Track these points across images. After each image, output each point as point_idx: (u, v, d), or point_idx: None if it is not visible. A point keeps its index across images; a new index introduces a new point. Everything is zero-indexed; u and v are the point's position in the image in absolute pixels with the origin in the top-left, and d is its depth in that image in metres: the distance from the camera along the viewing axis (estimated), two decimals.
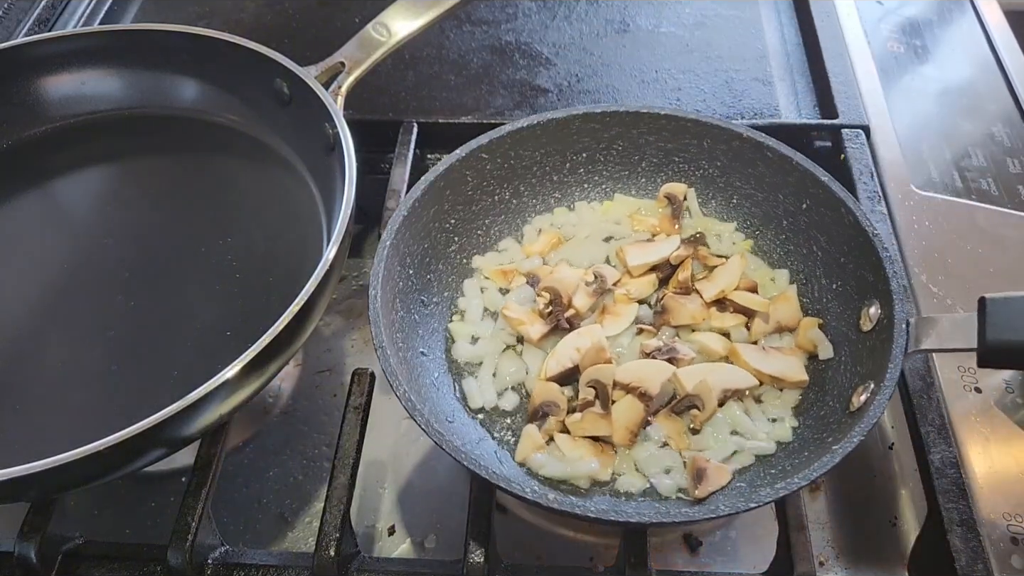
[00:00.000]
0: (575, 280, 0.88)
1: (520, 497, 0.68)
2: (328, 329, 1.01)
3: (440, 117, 1.10)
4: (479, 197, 0.95)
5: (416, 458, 0.90)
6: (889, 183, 1.02)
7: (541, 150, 0.96)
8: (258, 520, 0.86)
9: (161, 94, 1.06)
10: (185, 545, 0.73)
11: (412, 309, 0.87)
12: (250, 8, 1.32)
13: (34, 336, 0.87)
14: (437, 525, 0.85)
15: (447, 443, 0.71)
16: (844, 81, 1.13)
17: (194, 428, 0.73)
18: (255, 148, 1.02)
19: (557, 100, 1.16)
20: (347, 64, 0.98)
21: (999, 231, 0.97)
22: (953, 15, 1.27)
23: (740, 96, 1.15)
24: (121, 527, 0.85)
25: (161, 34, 1.03)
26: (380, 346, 0.77)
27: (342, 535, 0.73)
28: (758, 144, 0.91)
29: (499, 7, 1.30)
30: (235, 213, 0.97)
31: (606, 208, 0.98)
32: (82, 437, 0.66)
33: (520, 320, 0.87)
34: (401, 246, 0.86)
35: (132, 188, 1.03)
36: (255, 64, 0.98)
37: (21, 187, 1.01)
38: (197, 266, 0.92)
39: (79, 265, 0.93)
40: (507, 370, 0.86)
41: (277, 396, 0.95)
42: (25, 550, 0.74)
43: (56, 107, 1.05)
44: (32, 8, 1.28)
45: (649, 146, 0.97)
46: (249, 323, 0.82)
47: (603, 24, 1.28)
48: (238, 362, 0.70)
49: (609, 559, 0.81)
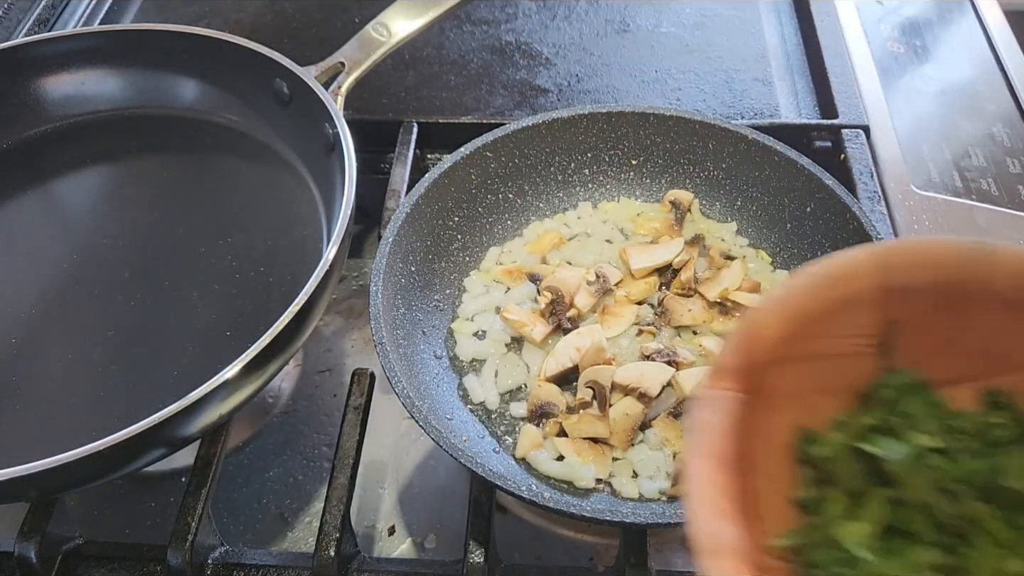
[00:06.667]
0: (577, 280, 0.88)
1: (518, 496, 0.68)
2: (328, 329, 1.01)
3: (440, 117, 1.10)
4: (483, 195, 0.95)
5: (416, 458, 0.90)
6: (889, 183, 1.02)
7: (546, 149, 0.96)
8: (258, 520, 0.86)
9: (161, 94, 1.06)
10: (185, 545, 0.73)
11: (414, 306, 0.87)
12: (250, 8, 1.32)
13: (34, 336, 0.87)
14: (437, 525, 0.85)
15: (445, 440, 0.71)
16: (844, 81, 1.13)
17: (194, 428, 0.73)
18: (255, 148, 1.02)
19: (557, 100, 1.16)
20: (347, 64, 0.98)
21: (999, 231, 0.97)
22: (953, 15, 1.27)
23: (740, 96, 1.15)
24: (121, 527, 0.85)
25: (161, 34, 1.03)
26: (380, 343, 0.77)
27: (342, 535, 0.73)
28: (765, 147, 0.91)
29: (499, 7, 1.30)
30: (235, 213, 0.97)
31: (609, 209, 0.98)
32: (82, 437, 0.66)
33: (522, 322, 0.87)
34: (404, 243, 0.86)
35: (132, 188, 1.03)
36: (255, 64, 0.98)
37: (21, 187, 1.01)
38: (197, 266, 0.92)
39: (79, 265, 0.93)
40: (508, 369, 0.86)
41: (277, 396, 0.95)
42: (25, 550, 0.73)
43: (56, 107, 1.05)
44: (32, 8, 1.28)
45: (655, 147, 0.97)
46: (249, 323, 0.82)
47: (603, 24, 1.28)
48: (238, 362, 0.70)
49: (609, 559, 0.81)
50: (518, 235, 0.97)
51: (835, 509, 0.53)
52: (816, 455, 0.55)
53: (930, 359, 0.58)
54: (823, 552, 0.50)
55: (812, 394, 0.57)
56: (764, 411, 0.54)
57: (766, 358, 0.54)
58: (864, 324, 0.58)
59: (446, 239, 0.93)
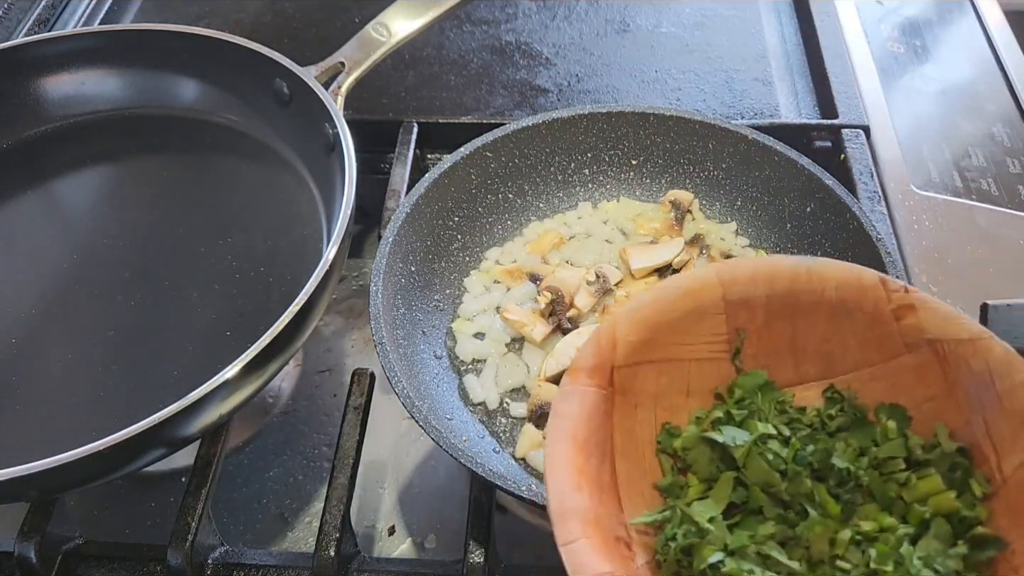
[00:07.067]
0: (577, 280, 0.88)
1: (518, 496, 0.68)
2: (328, 329, 1.01)
3: (440, 117, 1.10)
4: (483, 195, 0.95)
5: (416, 458, 0.90)
6: (889, 183, 1.02)
7: (546, 149, 0.96)
8: (258, 520, 0.86)
9: (161, 94, 1.06)
10: (185, 545, 0.73)
11: (414, 306, 0.87)
12: (250, 8, 1.32)
13: (34, 336, 0.87)
14: (437, 525, 0.85)
15: (445, 440, 0.71)
16: (844, 81, 1.13)
17: (194, 428, 0.73)
18: (255, 148, 1.02)
19: (557, 100, 1.16)
20: (347, 64, 0.98)
21: (999, 231, 0.97)
22: (953, 15, 1.27)
23: (740, 96, 1.15)
24: (121, 527, 0.85)
25: (161, 34, 1.03)
26: (380, 342, 0.77)
27: (342, 535, 0.73)
28: (765, 147, 0.91)
29: (499, 7, 1.30)
30: (235, 213, 0.97)
31: (609, 209, 0.98)
32: (82, 437, 0.66)
33: (522, 322, 0.87)
34: (404, 243, 0.86)
35: (132, 188, 1.03)
36: (255, 64, 0.98)
37: (21, 187, 1.01)
38: (197, 266, 0.92)
39: (79, 265, 0.93)
40: (508, 369, 0.86)
41: (277, 396, 0.95)
42: (25, 550, 0.73)
43: (56, 107, 1.05)
44: (32, 8, 1.28)
45: (655, 147, 0.97)
46: (249, 323, 0.82)
47: (603, 24, 1.28)
48: (238, 362, 0.70)
49: None
50: (518, 235, 0.97)
51: (692, 493, 0.61)
52: (674, 447, 0.64)
53: (777, 362, 0.67)
54: (680, 527, 0.58)
55: (674, 394, 0.66)
56: (627, 408, 0.63)
57: (623, 360, 0.62)
58: (715, 332, 0.66)
59: (446, 239, 0.93)
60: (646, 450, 0.64)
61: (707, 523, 0.57)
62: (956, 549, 0.56)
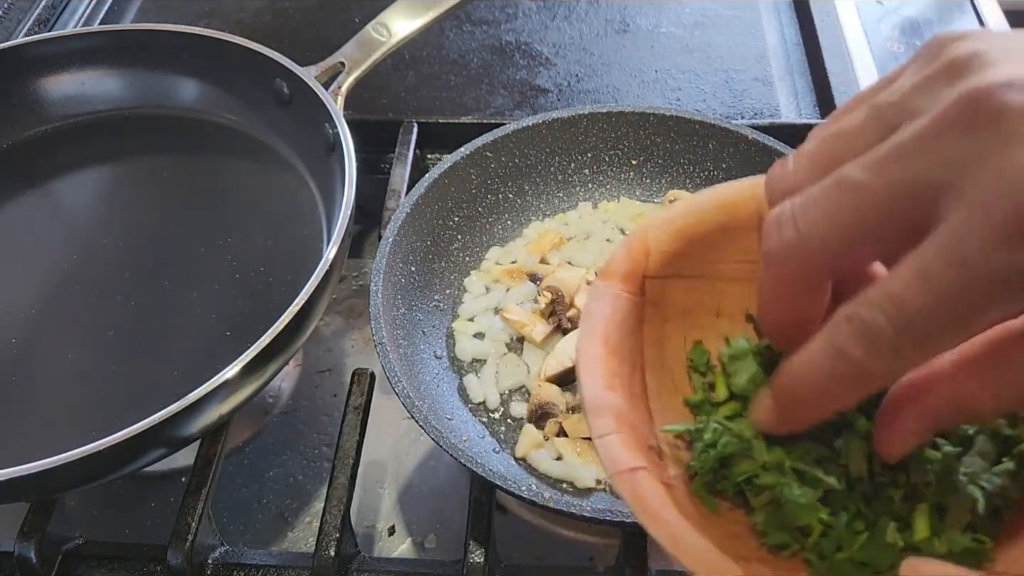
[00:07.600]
0: (577, 280, 0.88)
1: (518, 496, 0.68)
2: (328, 329, 1.01)
3: (440, 117, 1.10)
4: (483, 195, 0.95)
5: (416, 458, 0.90)
6: None
7: (546, 149, 0.96)
8: (258, 520, 0.86)
9: (161, 94, 1.06)
10: (185, 545, 0.72)
11: (414, 306, 0.87)
12: (250, 8, 1.32)
13: (34, 336, 0.87)
14: (437, 525, 0.85)
15: (445, 440, 0.71)
16: (844, 81, 1.13)
17: (194, 428, 0.73)
18: (255, 148, 1.02)
19: (557, 100, 1.16)
20: (347, 64, 0.98)
21: None
22: (953, 15, 1.27)
23: (740, 96, 1.15)
24: (121, 527, 0.85)
25: (161, 34, 1.03)
26: (380, 342, 0.77)
27: (342, 535, 0.73)
28: (765, 147, 0.91)
29: (499, 7, 1.30)
30: (235, 213, 0.97)
31: (610, 209, 0.98)
32: (82, 437, 0.66)
33: (522, 322, 0.87)
34: (404, 243, 0.86)
35: (132, 188, 1.03)
36: (255, 64, 0.98)
37: (21, 187, 1.01)
38: (197, 266, 0.92)
39: (78, 265, 0.93)
40: (508, 369, 0.86)
41: (277, 396, 0.95)
42: (25, 550, 0.73)
43: (56, 107, 1.05)
44: (32, 8, 1.28)
45: (655, 147, 0.97)
46: (249, 323, 0.82)
47: (603, 24, 1.28)
48: (238, 362, 0.70)
49: (609, 559, 0.81)
50: (518, 235, 0.97)
51: (726, 410, 0.57)
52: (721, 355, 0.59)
53: None
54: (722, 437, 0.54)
55: (704, 313, 0.61)
56: (658, 320, 0.59)
57: (655, 270, 0.58)
58: (748, 250, 0.60)
59: (446, 239, 0.93)
60: (675, 367, 0.61)
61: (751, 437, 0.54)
62: (1002, 466, 0.53)
